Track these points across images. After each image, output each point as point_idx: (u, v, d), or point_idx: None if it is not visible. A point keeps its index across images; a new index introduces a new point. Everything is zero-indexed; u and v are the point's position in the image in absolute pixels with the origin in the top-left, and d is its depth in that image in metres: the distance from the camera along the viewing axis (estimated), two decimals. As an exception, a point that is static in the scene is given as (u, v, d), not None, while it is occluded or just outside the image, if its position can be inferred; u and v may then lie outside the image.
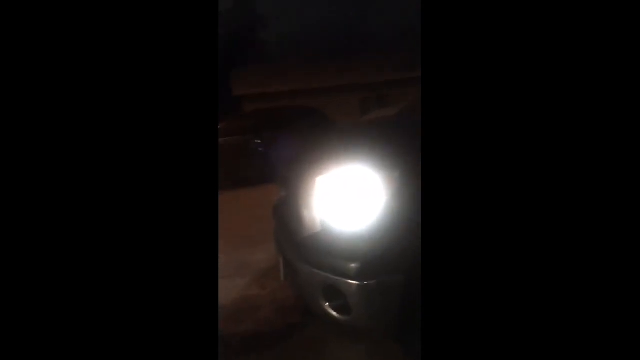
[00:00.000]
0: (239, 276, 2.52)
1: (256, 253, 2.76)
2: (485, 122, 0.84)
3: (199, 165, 0.88)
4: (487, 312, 0.83)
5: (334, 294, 1.44)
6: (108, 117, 0.84)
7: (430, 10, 0.88)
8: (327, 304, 1.47)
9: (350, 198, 1.47)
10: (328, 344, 1.79)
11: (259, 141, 6.09)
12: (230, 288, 2.38)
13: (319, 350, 1.77)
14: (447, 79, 0.87)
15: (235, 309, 2.15)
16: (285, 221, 1.82)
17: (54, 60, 0.81)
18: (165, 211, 0.85)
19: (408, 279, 1.39)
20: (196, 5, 0.88)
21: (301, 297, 1.67)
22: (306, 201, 1.63)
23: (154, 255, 0.85)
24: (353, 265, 1.40)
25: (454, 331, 0.84)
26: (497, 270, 0.83)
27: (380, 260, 1.39)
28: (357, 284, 1.38)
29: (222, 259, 2.37)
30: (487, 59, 0.85)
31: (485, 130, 0.84)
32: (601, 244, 0.79)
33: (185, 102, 0.88)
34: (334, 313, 1.46)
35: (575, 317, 0.80)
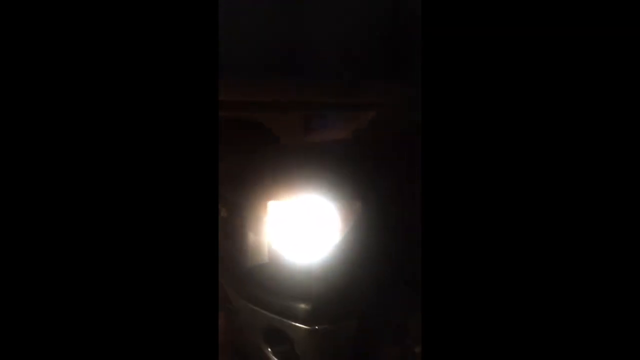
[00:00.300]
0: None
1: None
2: (485, 139, 0.79)
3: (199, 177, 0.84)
4: (487, 332, 0.78)
5: (278, 338, 1.27)
6: (105, 124, 0.80)
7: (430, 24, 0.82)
8: (269, 349, 1.30)
9: (306, 228, 1.32)
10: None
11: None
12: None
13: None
14: (447, 98, 0.81)
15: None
16: (225, 247, 1.62)
17: (51, 61, 0.79)
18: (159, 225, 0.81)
19: (363, 324, 1.25)
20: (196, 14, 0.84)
21: (238, 337, 1.48)
22: (253, 227, 1.44)
23: (154, 269, 0.80)
24: (303, 306, 1.24)
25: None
26: (499, 291, 0.78)
27: (334, 303, 1.25)
28: (307, 329, 1.22)
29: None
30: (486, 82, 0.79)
31: (485, 147, 0.79)
32: (599, 252, 0.76)
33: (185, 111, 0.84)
34: (277, 361, 1.29)
35: (574, 329, 0.76)
